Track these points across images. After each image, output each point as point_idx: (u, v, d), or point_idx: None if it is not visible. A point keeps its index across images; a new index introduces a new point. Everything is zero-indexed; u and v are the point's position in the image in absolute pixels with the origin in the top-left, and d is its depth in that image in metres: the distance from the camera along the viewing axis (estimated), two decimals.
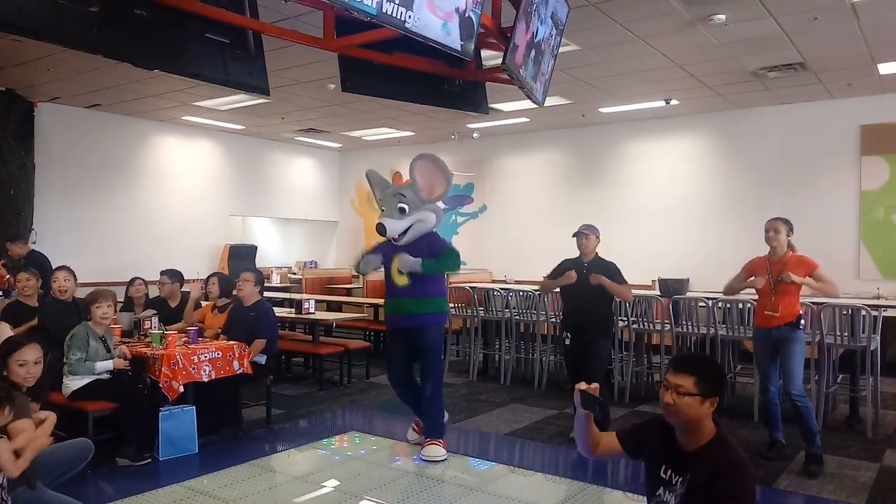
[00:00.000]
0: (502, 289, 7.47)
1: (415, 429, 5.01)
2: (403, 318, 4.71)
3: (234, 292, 5.77)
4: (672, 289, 6.53)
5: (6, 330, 4.35)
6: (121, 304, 5.83)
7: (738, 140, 9.05)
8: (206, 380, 4.82)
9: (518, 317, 7.19)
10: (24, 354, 3.19)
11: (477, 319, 7.47)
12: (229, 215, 11.31)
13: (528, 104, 7.58)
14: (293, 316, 7.53)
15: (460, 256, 4.80)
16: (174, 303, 6.09)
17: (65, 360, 4.50)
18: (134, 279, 6.16)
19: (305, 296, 8.64)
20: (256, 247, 11.59)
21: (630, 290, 5.24)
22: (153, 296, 6.27)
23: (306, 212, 12.63)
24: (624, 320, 6.44)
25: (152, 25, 3.66)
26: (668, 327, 6.24)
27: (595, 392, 2.34)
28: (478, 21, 4.02)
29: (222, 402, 5.14)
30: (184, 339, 5.01)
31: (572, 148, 10.43)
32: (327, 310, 9.15)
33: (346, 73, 4.75)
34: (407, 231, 4.62)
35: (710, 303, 6.01)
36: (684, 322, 6.31)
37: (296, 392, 6.82)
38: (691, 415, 2.17)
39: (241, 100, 8.55)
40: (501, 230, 11.10)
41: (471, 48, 4.04)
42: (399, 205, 4.62)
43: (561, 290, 5.27)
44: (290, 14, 5.23)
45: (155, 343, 4.93)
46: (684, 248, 9.19)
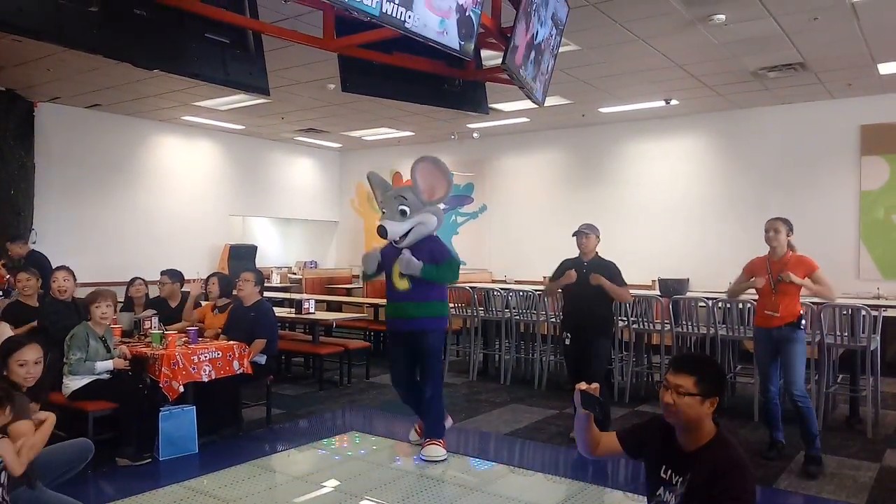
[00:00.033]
0: (502, 289, 7.47)
1: (417, 430, 5.01)
2: (404, 323, 4.71)
3: (234, 292, 5.77)
4: (672, 289, 6.53)
5: (6, 330, 4.35)
6: (121, 304, 5.83)
7: (739, 140, 9.05)
8: (206, 380, 4.82)
9: (518, 317, 7.19)
10: (24, 354, 3.20)
11: (477, 319, 7.47)
12: (229, 215, 11.31)
13: (528, 104, 7.58)
14: (293, 316, 7.53)
15: (459, 267, 4.79)
16: (174, 303, 6.09)
17: (65, 360, 4.49)
18: (134, 279, 6.16)
19: (305, 296, 8.65)
20: (256, 247, 11.60)
21: (629, 293, 5.24)
22: (153, 296, 6.28)
23: (306, 212, 12.64)
24: (624, 320, 6.45)
25: (152, 25, 3.66)
26: (668, 327, 6.24)
27: (595, 392, 2.34)
28: (478, 21, 4.02)
29: (222, 402, 5.14)
30: (184, 339, 5.01)
31: (572, 148, 10.43)
32: (327, 310, 9.16)
33: (345, 73, 4.75)
34: (408, 233, 4.62)
35: (710, 303, 6.01)
36: (684, 322, 6.31)
37: (296, 392, 6.82)
38: (691, 415, 2.17)
39: (241, 100, 8.56)
40: (501, 230, 11.10)
41: (470, 48, 4.04)
42: (400, 207, 4.62)
43: (562, 289, 5.28)
44: (290, 14, 5.23)
45: (155, 343, 4.93)
46: (684, 248, 9.19)
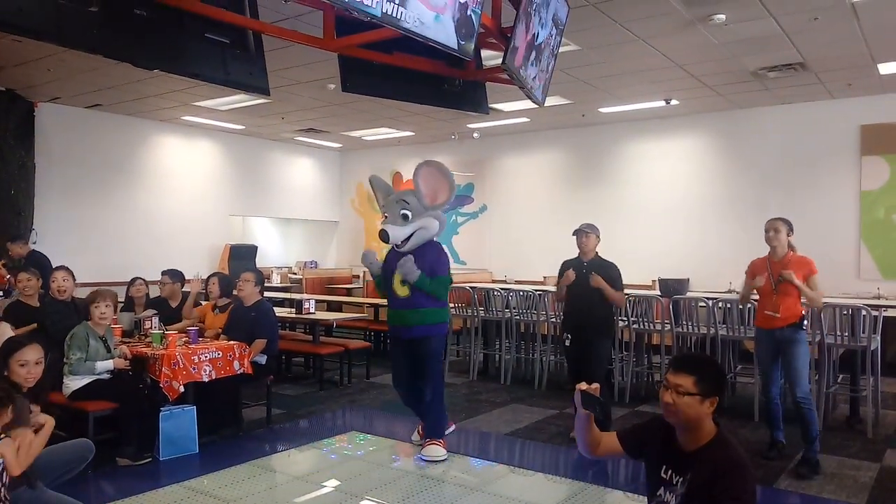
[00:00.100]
0: (502, 289, 7.47)
1: (419, 432, 5.01)
2: (405, 330, 4.70)
3: (235, 292, 5.77)
4: (672, 289, 6.53)
5: (7, 330, 4.35)
6: (121, 304, 5.84)
7: (739, 140, 9.05)
8: (206, 380, 4.82)
9: (518, 317, 7.19)
10: (25, 355, 3.20)
11: (477, 319, 7.47)
12: (229, 215, 11.32)
13: (528, 104, 7.58)
14: (293, 316, 7.53)
15: (449, 286, 4.80)
16: (175, 303, 6.10)
17: (65, 359, 4.49)
18: (135, 279, 6.16)
19: (306, 296, 8.65)
20: (257, 247, 11.60)
21: (623, 297, 5.26)
22: (154, 296, 6.28)
23: (306, 212, 12.64)
24: (624, 320, 6.45)
25: (152, 25, 3.66)
26: (668, 327, 6.24)
27: (595, 392, 2.34)
28: (478, 21, 4.02)
29: (222, 402, 5.14)
30: (184, 339, 5.02)
31: (572, 148, 10.43)
32: (327, 310, 9.16)
33: (346, 73, 4.75)
34: (410, 238, 4.61)
35: (711, 303, 6.01)
36: (684, 322, 6.31)
37: (296, 392, 6.82)
38: (691, 414, 2.17)
39: (241, 100, 8.56)
40: (501, 230, 11.10)
41: (470, 48, 4.04)
42: (402, 211, 4.62)
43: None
44: (290, 14, 5.23)
45: (155, 343, 4.93)
46: (684, 248, 9.19)
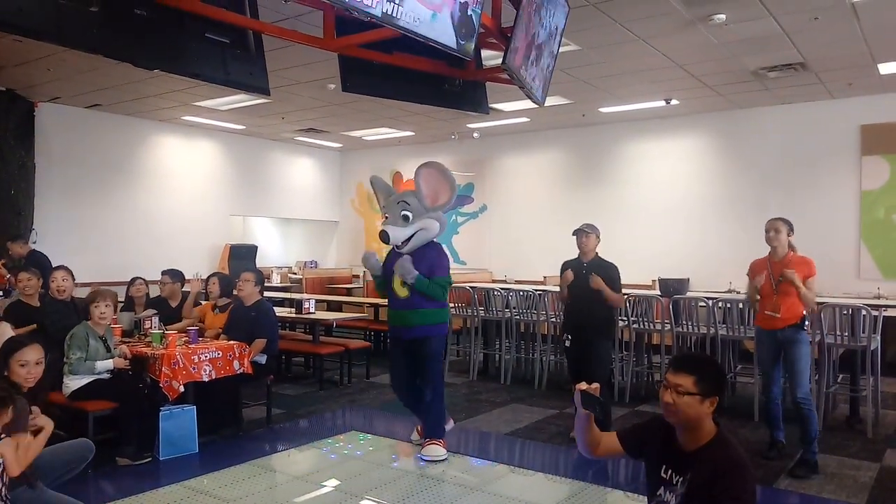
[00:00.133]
0: (502, 288, 7.47)
1: (418, 431, 5.01)
2: (405, 331, 4.71)
3: (235, 292, 5.77)
4: (672, 288, 6.53)
5: (7, 330, 4.35)
6: (121, 304, 5.84)
7: (739, 140, 9.05)
8: (206, 379, 4.82)
9: (518, 316, 7.19)
10: (25, 355, 3.20)
11: (477, 319, 7.47)
12: (230, 215, 11.32)
13: (528, 104, 7.58)
14: (293, 316, 7.53)
15: (448, 288, 4.79)
16: (175, 302, 6.10)
17: (65, 359, 4.49)
18: (135, 279, 6.16)
19: (306, 296, 8.65)
20: (257, 247, 11.61)
21: (621, 299, 5.26)
22: (154, 295, 6.29)
23: (306, 212, 12.64)
24: (624, 320, 6.44)
25: (152, 25, 3.65)
26: (668, 327, 6.24)
27: (595, 392, 2.34)
28: (478, 21, 4.02)
29: (222, 402, 5.14)
30: (184, 339, 5.02)
31: (572, 148, 10.43)
32: (327, 310, 9.16)
33: (346, 73, 4.75)
34: (410, 238, 4.62)
35: (711, 303, 6.01)
36: (684, 322, 6.31)
37: (296, 392, 6.82)
38: (691, 414, 2.17)
39: (241, 100, 8.56)
40: (501, 230, 11.10)
41: (470, 48, 4.03)
42: (403, 212, 4.61)
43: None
44: (291, 14, 5.23)
45: (155, 343, 4.93)
46: (684, 248, 9.19)
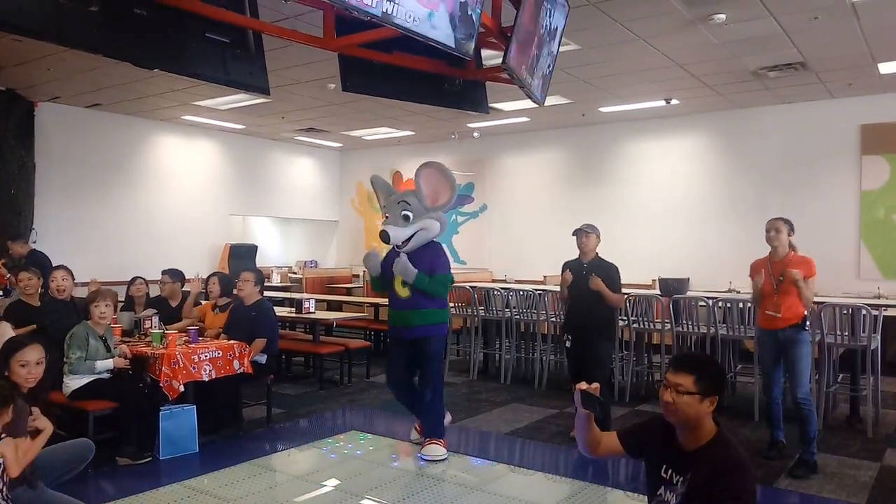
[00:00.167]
0: (502, 288, 7.46)
1: (417, 429, 5.02)
2: (406, 331, 4.71)
3: (235, 292, 5.77)
4: (672, 288, 6.53)
5: (8, 330, 4.35)
6: (122, 304, 5.83)
7: (739, 140, 9.05)
8: (206, 379, 4.82)
9: (518, 316, 7.19)
10: (26, 355, 3.19)
11: (477, 319, 7.46)
12: (229, 215, 11.32)
13: (528, 104, 7.58)
14: (293, 315, 7.53)
15: (449, 285, 4.78)
16: (175, 302, 6.10)
17: (65, 359, 4.49)
18: (135, 278, 6.16)
19: (306, 295, 8.66)
20: (257, 246, 11.62)
21: (621, 299, 5.26)
22: (154, 295, 6.29)
23: (306, 211, 12.64)
24: (624, 319, 6.44)
25: (152, 25, 3.65)
26: (668, 327, 6.24)
27: (595, 392, 2.34)
28: (478, 20, 4.01)
29: (223, 402, 5.14)
30: (184, 339, 5.02)
31: (572, 147, 10.43)
32: (328, 309, 9.16)
33: (346, 72, 4.75)
34: (410, 238, 4.61)
35: (711, 302, 6.01)
36: (684, 321, 6.31)
37: (296, 391, 6.82)
38: (691, 413, 2.17)
39: (241, 99, 8.56)
40: (501, 229, 11.10)
41: (469, 47, 4.02)
42: (403, 212, 4.61)
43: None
44: (290, 14, 5.23)
45: (155, 342, 4.93)
46: (684, 248, 9.19)
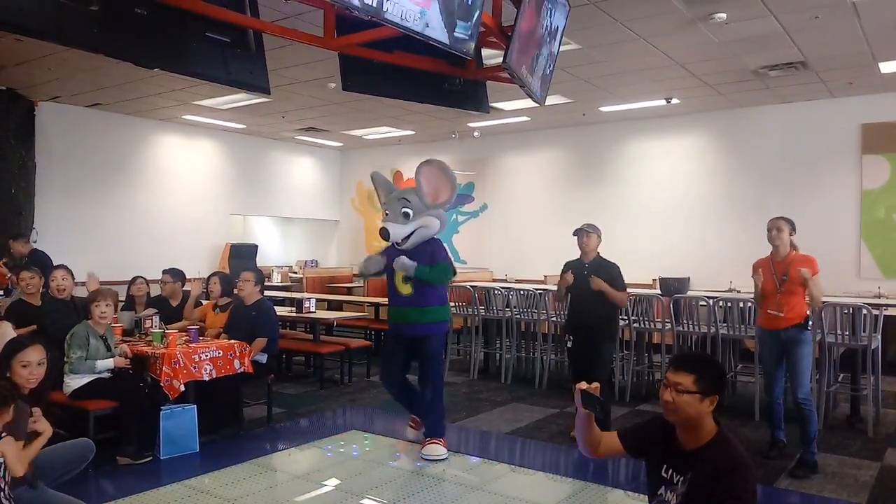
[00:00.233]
0: (503, 287, 7.47)
1: (411, 425, 5.03)
2: (407, 328, 4.72)
3: (235, 292, 5.78)
4: (673, 288, 6.54)
5: (9, 330, 4.34)
6: (122, 303, 5.84)
7: (739, 139, 9.04)
8: (207, 379, 4.83)
9: (519, 315, 7.19)
10: (27, 355, 3.18)
11: (478, 318, 7.46)
12: (230, 214, 11.32)
13: (528, 103, 7.58)
14: (294, 315, 7.53)
15: (452, 273, 4.76)
16: (175, 302, 6.10)
17: (65, 358, 4.49)
18: (135, 278, 6.16)
19: (306, 295, 8.66)
20: (257, 246, 11.63)
21: (625, 297, 5.22)
22: (154, 295, 6.29)
23: (307, 211, 12.64)
24: (625, 319, 6.44)
25: (153, 25, 3.65)
26: (668, 326, 6.24)
27: (596, 391, 2.34)
28: (478, 19, 4.00)
29: (223, 401, 5.14)
30: (185, 338, 5.02)
31: (573, 147, 10.42)
32: (328, 309, 9.16)
33: (346, 72, 4.74)
34: (410, 236, 4.62)
35: (711, 302, 6.00)
36: (685, 321, 6.30)
37: (297, 391, 6.82)
38: (691, 413, 2.17)
39: (241, 99, 8.56)
40: (502, 229, 11.10)
41: (469, 46, 4.01)
42: (403, 209, 4.61)
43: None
44: (291, 13, 5.23)
45: (156, 342, 4.93)
46: (685, 248, 9.19)
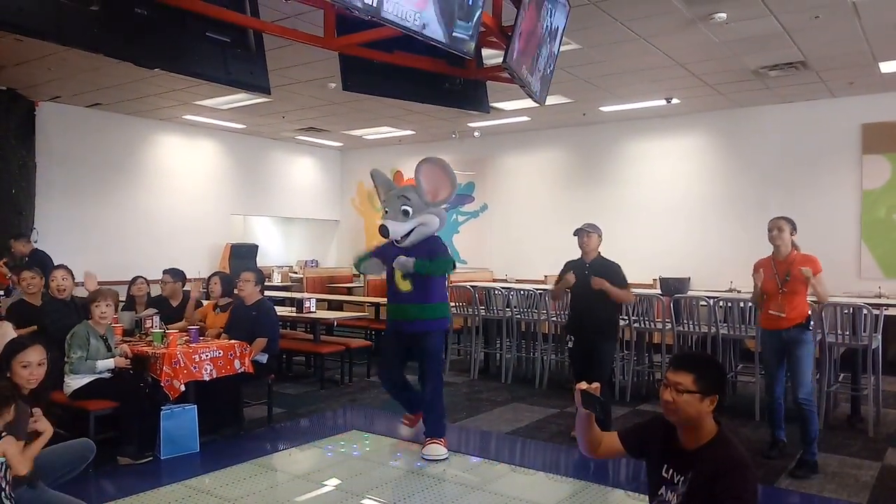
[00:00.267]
0: (503, 287, 7.47)
1: (406, 423, 5.03)
2: (406, 324, 4.72)
3: (235, 292, 5.78)
4: (673, 288, 6.54)
5: (9, 330, 4.34)
6: (122, 303, 5.84)
7: (739, 139, 9.04)
8: (207, 379, 4.83)
9: (519, 315, 7.19)
10: (27, 356, 3.18)
11: (478, 318, 7.46)
12: (230, 214, 11.32)
13: (528, 103, 7.58)
14: (294, 315, 7.53)
15: (453, 264, 4.76)
16: (176, 302, 6.10)
17: (66, 358, 4.49)
18: (136, 278, 6.17)
19: (306, 295, 8.66)
20: (257, 246, 11.63)
21: (631, 294, 5.19)
22: (155, 294, 6.29)
23: (307, 211, 12.64)
24: (625, 319, 6.44)
25: (153, 24, 3.65)
26: (669, 326, 6.24)
27: (596, 391, 2.34)
28: (478, 19, 4.00)
29: (223, 401, 5.14)
30: (185, 338, 5.02)
31: (573, 147, 10.42)
32: (328, 309, 9.16)
33: (346, 71, 4.74)
34: (410, 233, 4.62)
35: (712, 302, 6.00)
36: (685, 321, 6.30)
37: (297, 391, 6.82)
38: (691, 412, 2.17)
39: (241, 99, 8.56)
40: (502, 229, 11.10)
41: (468, 46, 4.01)
42: (403, 207, 4.61)
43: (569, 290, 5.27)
44: (291, 13, 5.23)
45: (156, 342, 4.94)
46: (685, 247, 9.19)
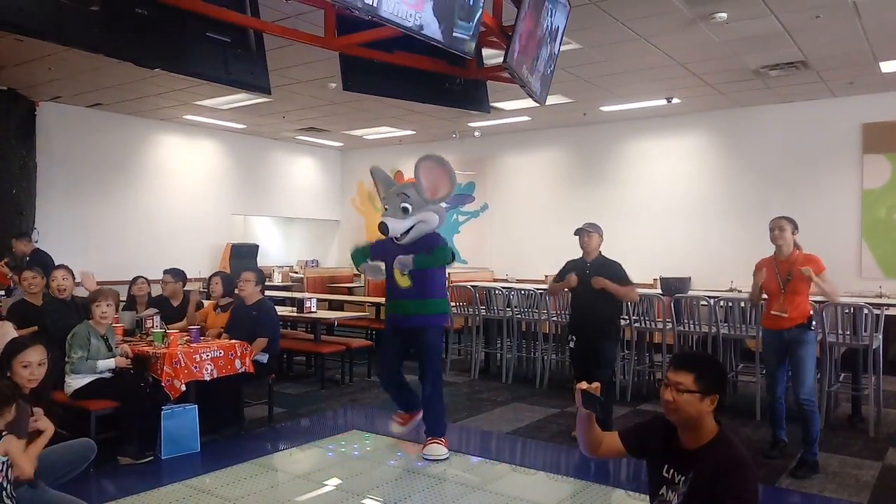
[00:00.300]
0: (504, 287, 7.47)
1: (397, 421, 5.01)
2: (405, 320, 4.72)
3: (236, 292, 5.78)
4: (674, 287, 6.54)
5: (10, 330, 4.35)
6: (123, 303, 5.84)
7: (740, 139, 9.04)
8: (208, 378, 4.83)
9: (520, 315, 7.19)
10: (28, 356, 3.18)
11: (478, 318, 7.46)
12: (231, 214, 11.32)
13: (529, 103, 7.58)
14: (295, 315, 7.54)
15: (451, 254, 4.72)
16: (176, 302, 6.10)
17: (67, 358, 4.50)
18: (136, 278, 6.17)
19: (307, 294, 8.66)
20: (258, 246, 11.63)
21: (635, 291, 5.15)
22: (155, 294, 6.29)
23: (308, 211, 12.64)
24: (626, 319, 6.43)
25: (153, 25, 3.65)
26: (669, 326, 6.24)
27: (596, 391, 2.34)
28: (478, 19, 4.00)
29: (224, 401, 5.14)
30: (186, 338, 5.02)
31: (573, 146, 10.42)
32: (329, 308, 9.16)
33: (347, 71, 4.74)
34: (409, 231, 4.62)
35: (712, 301, 6.00)
36: (686, 321, 6.30)
37: (297, 391, 6.82)
38: (691, 412, 2.17)
39: (242, 99, 8.56)
40: (503, 229, 11.10)
41: (468, 46, 4.00)
42: (402, 204, 4.61)
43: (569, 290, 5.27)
44: (292, 13, 5.23)
45: (157, 342, 4.94)
46: (686, 247, 9.18)
